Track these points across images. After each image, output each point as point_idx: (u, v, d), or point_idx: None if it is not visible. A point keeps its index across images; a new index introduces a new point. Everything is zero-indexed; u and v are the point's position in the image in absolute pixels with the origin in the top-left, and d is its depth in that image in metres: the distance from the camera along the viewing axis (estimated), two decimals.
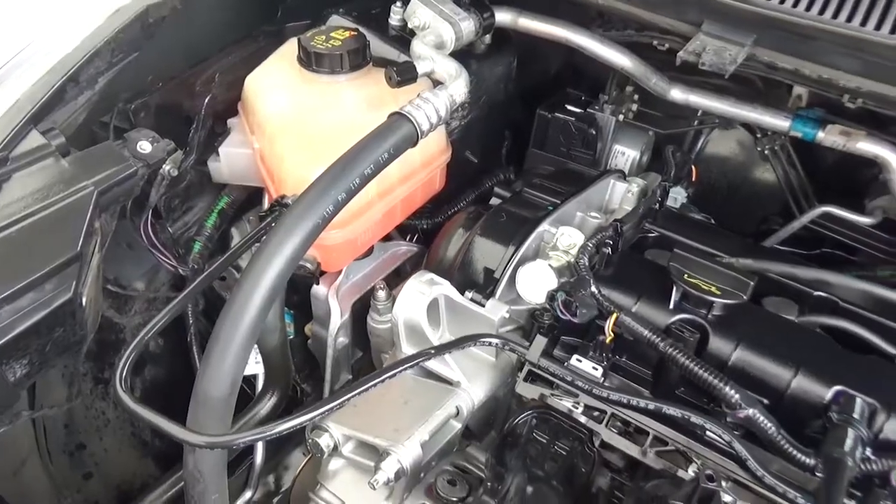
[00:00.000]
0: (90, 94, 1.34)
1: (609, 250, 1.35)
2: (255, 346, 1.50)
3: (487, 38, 1.77)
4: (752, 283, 1.25)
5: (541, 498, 1.04)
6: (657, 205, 1.55)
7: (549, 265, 1.31)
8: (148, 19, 1.39)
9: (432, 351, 1.17)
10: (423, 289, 1.29)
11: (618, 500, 1.22)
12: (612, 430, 1.18)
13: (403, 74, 1.41)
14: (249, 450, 1.61)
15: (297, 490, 1.51)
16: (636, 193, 1.57)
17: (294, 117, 1.47)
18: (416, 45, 1.50)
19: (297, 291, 1.68)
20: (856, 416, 1.09)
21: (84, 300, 1.13)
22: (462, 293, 1.34)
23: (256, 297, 0.97)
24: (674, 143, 2.02)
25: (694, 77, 1.86)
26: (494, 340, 1.22)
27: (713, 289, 1.26)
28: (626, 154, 1.97)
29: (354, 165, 1.17)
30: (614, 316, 1.25)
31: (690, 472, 1.07)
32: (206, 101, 1.57)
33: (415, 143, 1.30)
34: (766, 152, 1.96)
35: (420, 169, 1.53)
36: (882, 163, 1.56)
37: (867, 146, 1.55)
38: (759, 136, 1.94)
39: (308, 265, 1.39)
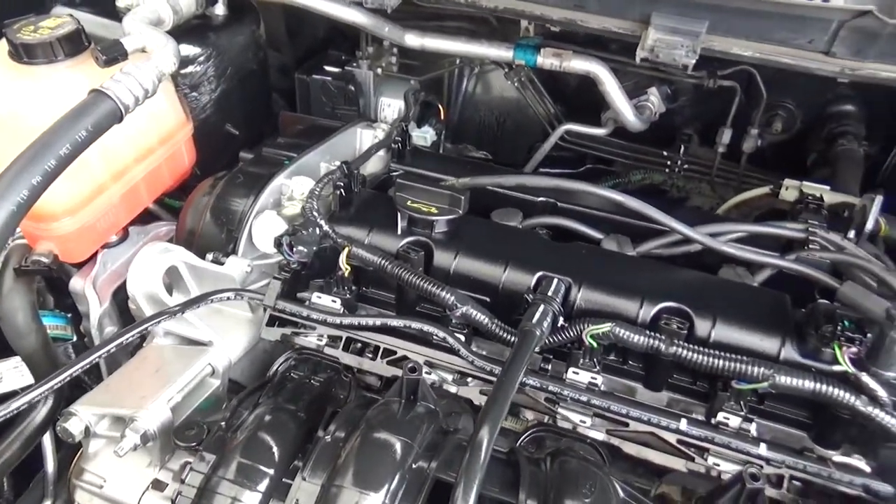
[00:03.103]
0: None
1: (342, 192, 1.42)
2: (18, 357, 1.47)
3: (221, 8, 1.78)
4: (463, 199, 1.36)
5: (278, 423, 1.11)
6: (398, 145, 1.65)
7: (282, 213, 1.37)
8: None
9: (163, 316, 1.20)
10: (153, 259, 1.30)
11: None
12: (353, 355, 1.26)
13: (110, 52, 1.40)
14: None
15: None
16: (382, 138, 1.66)
17: (10, 113, 1.42)
18: (126, 22, 1.48)
19: (66, 292, 1.63)
20: (551, 293, 1.24)
21: None
22: (204, 256, 1.37)
23: None
24: (434, 87, 2.14)
25: (431, 22, 1.98)
26: (225, 294, 1.26)
27: (433, 209, 1.37)
28: (391, 105, 2.06)
29: (49, 147, 1.15)
30: (346, 249, 1.33)
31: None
32: None
33: (120, 119, 1.30)
34: (516, 85, 2.12)
35: (158, 146, 1.53)
36: (595, 78, 1.74)
37: (579, 64, 1.72)
38: (506, 70, 2.09)
39: (43, 259, 1.36)
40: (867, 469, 1.10)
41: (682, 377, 1.27)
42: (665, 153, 2.08)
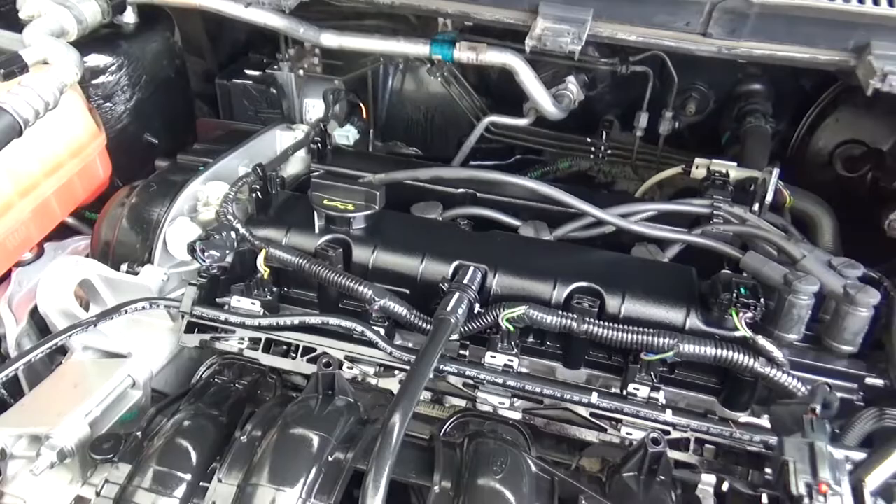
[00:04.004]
0: None
1: (258, 194, 1.42)
2: None
3: (131, 16, 1.75)
4: (378, 194, 1.38)
5: (195, 428, 1.10)
6: (317, 145, 1.65)
7: (197, 219, 1.36)
8: None
9: (71, 332, 1.18)
10: (62, 274, 1.28)
11: None
12: (272, 355, 1.27)
13: (8, 66, 1.37)
14: None
15: None
16: (301, 139, 1.66)
17: None
18: (26, 34, 1.45)
19: None
20: (466, 281, 1.26)
21: None
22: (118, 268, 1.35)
23: None
24: (360, 86, 2.15)
25: (350, 22, 1.99)
26: (140, 304, 1.25)
27: (349, 206, 1.38)
28: (316, 106, 2.06)
29: None
30: (263, 251, 1.33)
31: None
32: None
33: (20, 133, 1.28)
34: (440, 80, 2.14)
35: (68, 159, 1.50)
36: (511, 69, 1.77)
37: (494, 56, 1.75)
38: (429, 66, 2.11)
39: None
40: (769, 426, 1.16)
41: (599, 354, 1.31)
42: (589, 140, 2.13)
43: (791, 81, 1.95)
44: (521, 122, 2.01)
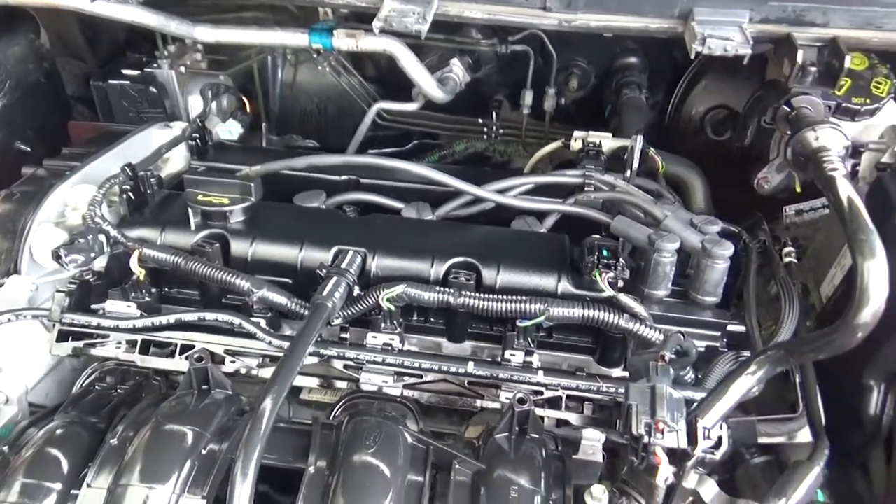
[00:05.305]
0: None
1: (129, 195, 1.39)
2: None
3: None
4: (254, 186, 1.37)
5: (67, 437, 1.08)
6: (196, 142, 1.62)
7: (65, 225, 1.32)
8: None
9: None
10: None
11: None
12: (150, 357, 1.25)
13: None
14: None
15: None
16: (178, 136, 1.62)
17: None
18: None
19: None
20: (344, 266, 1.27)
21: None
22: None
23: None
24: (246, 80, 2.12)
25: (230, 15, 1.96)
26: (5, 317, 1.21)
27: (224, 200, 1.37)
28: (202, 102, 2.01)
29: None
30: (136, 252, 1.30)
31: None
32: None
33: None
34: (328, 70, 2.13)
35: None
36: (391, 55, 1.78)
37: (373, 42, 1.75)
38: (315, 56, 2.10)
39: None
40: None
41: (482, 326, 1.35)
42: (481, 121, 2.17)
43: (664, 54, 2.04)
44: (411, 107, 2.03)
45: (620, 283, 1.26)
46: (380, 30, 1.30)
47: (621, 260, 1.24)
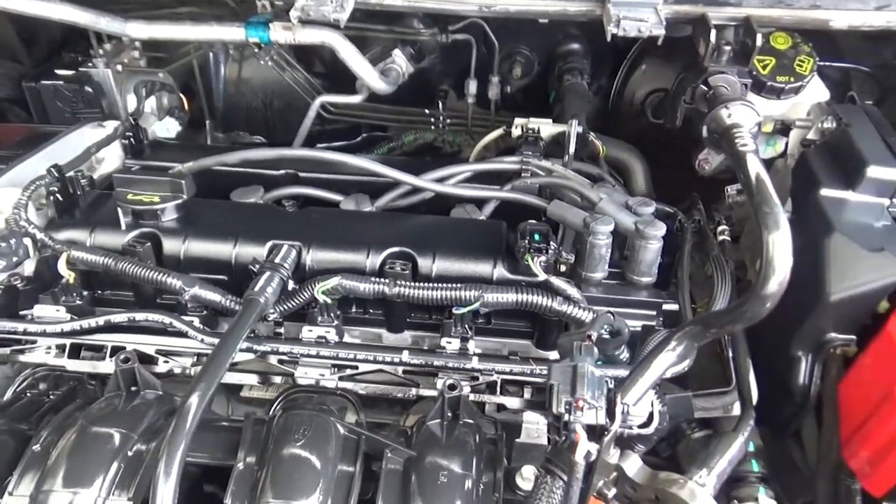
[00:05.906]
0: None
1: (57, 196, 1.36)
2: None
3: None
4: (185, 183, 1.35)
5: None
6: (129, 141, 1.60)
7: None
8: None
9: None
10: None
11: None
12: (79, 360, 1.23)
13: None
14: None
15: None
16: (109, 136, 1.59)
17: None
18: None
19: None
20: (278, 260, 1.26)
21: None
22: None
23: None
24: (188, 77, 2.09)
25: (164, 10, 1.92)
26: None
27: (155, 199, 1.35)
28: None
29: None
30: (65, 255, 1.28)
31: None
32: None
33: None
34: (270, 64, 2.11)
35: None
36: (331, 48, 1.76)
37: (311, 35, 1.72)
38: (256, 51, 2.08)
39: None
40: None
41: (421, 315, 1.35)
42: (428, 111, 2.17)
43: (605, 39, 2.05)
44: (355, 99, 2.02)
45: (563, 268, 1.28)
46: (297, 19, 1.29)
47: (552, 244, 1.25)
